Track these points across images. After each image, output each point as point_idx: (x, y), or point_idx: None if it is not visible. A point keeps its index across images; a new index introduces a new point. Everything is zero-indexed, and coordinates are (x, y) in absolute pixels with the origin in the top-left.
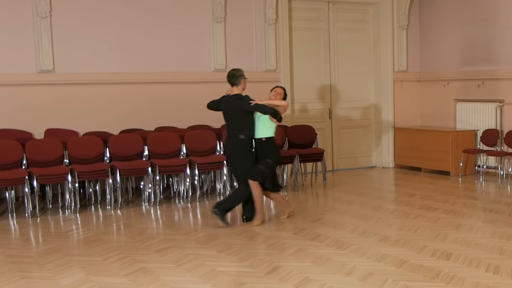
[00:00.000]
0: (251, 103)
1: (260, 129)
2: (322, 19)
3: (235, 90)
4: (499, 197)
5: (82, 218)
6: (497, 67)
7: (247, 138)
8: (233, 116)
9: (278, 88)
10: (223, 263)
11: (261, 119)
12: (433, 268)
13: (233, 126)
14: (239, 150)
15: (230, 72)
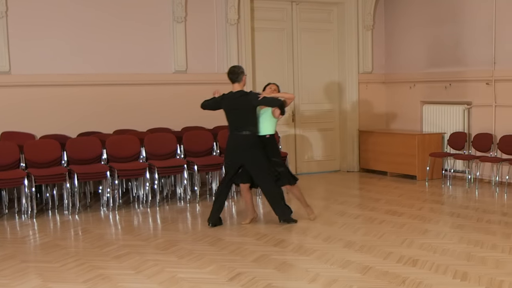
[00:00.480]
0: (259, 97)
1: (264, 126)
2: (285, 19)
3: (236, 87)
4: (466, 202)
5: (39, 223)
6: (465, 69)
7: (252, 134)
8: (239, 112)
9: (272, 85)
10: (183, 269)
11: (263, 116)
12: (399, 274)
13: (238, 123)
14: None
15: (230, 69)
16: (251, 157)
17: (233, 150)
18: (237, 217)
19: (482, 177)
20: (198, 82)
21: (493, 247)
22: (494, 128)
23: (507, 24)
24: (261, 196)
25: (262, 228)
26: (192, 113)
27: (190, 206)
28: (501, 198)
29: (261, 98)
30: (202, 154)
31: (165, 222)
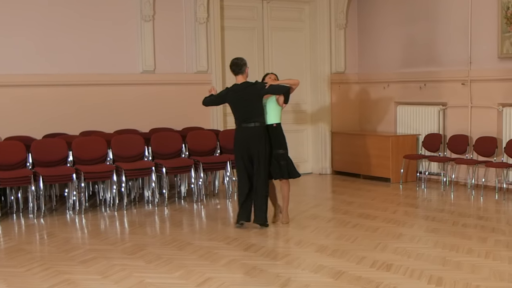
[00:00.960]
0: (265, 85)
1: (270, 115)
2: (256, 18)
3: (240, 79)
4: (442, 205)
5: (3, 227)
6: (440, 69)
7: (261, 125)
8: (246, 103)
9: (271, 75)
10: (151, 274)
11: (268, 105)
12: (372, 279)
13: (246, 115)
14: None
15: (233, 61)
16: (259, 151)
17: (242, 143)
18: (206, 220)
19: (457, 179)
20: (166, 82)
21: (469, 252)
22: (470, 129)
23: (483, 23)
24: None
25: (232, 232)
26: (161, 114)
27: (158, 209)
28: (477, 201)
29: (268, 86)
30: (170, 156)
31: (133, 225)
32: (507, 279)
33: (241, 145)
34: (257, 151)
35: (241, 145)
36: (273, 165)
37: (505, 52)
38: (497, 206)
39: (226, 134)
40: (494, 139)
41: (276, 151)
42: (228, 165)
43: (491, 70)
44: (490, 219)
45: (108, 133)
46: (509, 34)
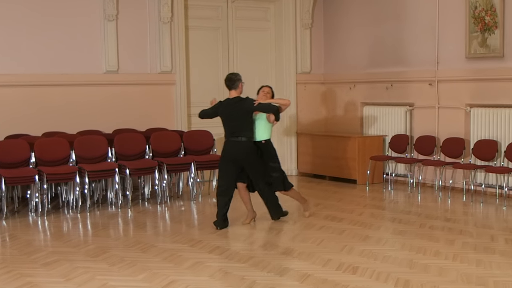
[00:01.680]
0: (254, 103)
1: (259, 132)
2: (221, 18)
3: (233, 94)
4: (408, 207)
5: None
6: (407, 69)
7: (249, 140)
8: (235, 118)
9: (265, 88)
10: (115, 277)
11: (258, 121)
12: (338, 282)
13: (235, 129)
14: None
15: (228, 76)
16: (249, 162)
17: (229, 156)
18: (170, 222)
19: (424, 181)
20: (130, 82)
21: (436, 254)
22: (437, 130)
23: (451, 23)
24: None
25: (197, 235)
26: (124, 115)
27: (121, 211)
28: (444, 203)
29: (257, 104)
30: (134, 157)
31: (96, 228)
32: (475, 281)
33: (228, 158)
34: (248, 164)
35: (228, 157)
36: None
37: (473, 52)
38: (465, 208)
39: (191, 135)
40: (461, 140)
41: (268, 165)
42: (193, 167)
43: (459, 70)
44: (458, 221)
45: (71, 134)
46: (476, 34)
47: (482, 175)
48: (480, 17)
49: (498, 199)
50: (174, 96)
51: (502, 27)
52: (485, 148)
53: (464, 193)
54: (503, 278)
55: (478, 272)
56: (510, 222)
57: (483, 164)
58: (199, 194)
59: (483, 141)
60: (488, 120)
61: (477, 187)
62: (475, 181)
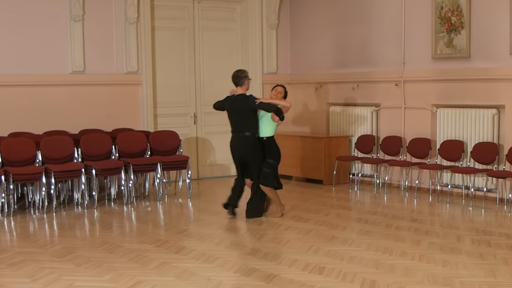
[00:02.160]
0: (256, 101)
1: (262, 129)
2: (187, 18)
3: (239, 90)
4: (375, 207)
5: None
6: (373, 69)
7: (252, 135)
8: (238, 114)
9: (278, 87)
10: (81, 277)
11: (262, 119)
12: (304, 283)
13: (239, 125)
14: (249, 149)
15: (234, 73)
16: (251, 156)
17: (235, 150)
18: (136, 222)
19: (391, 181)
20: (96, 83)
21: (402, 255)
22: (404, 131)
23: (416, 24)
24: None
25: (163, 235)
26: (90, 115)
27: (88, 211)
28: (410, 204)
29: (258, 103)
30: (100, 157)
31: (62, 228)
32: (441, 282)
33: (234, 151)
34: (250, 158)
35: (235, 151)
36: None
37: (439, 53)
38: (431, 209)
39: (157, 135)
40: (427, 141)
41: (267, 160)
42: (159, 167)
43: (425, 71)
44: (424, 221)
45: (37, 135)
46: (443, 35)
47: (448, 175)
48: (446, 17)
49: (464, 200)
50: (140, 97)
51: (468, 27)
52: (451, 148)
53: (431, 193)
54: (469, 278)
55: (444, 272)
56: (476, 222)
57: (449, 164)
58: (165, 195)
59: (449, 141)
60: (454, 121)
61: (443, 187)
62: (441, 181)
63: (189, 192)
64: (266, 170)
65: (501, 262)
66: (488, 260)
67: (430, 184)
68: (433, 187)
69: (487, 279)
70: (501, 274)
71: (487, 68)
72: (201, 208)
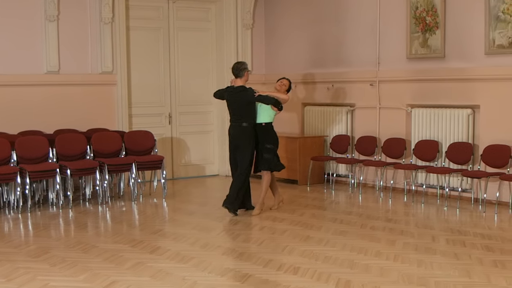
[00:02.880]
0: (254, 94)
1: (261, 115)
2: (162, 18)
3: (238, 82)
4: (350, 207)
5: None
6: (348, 69)
7: (250, 125)
8: (237, 105)
9: (283, 80)
10: (56, 277)
11: (262, 106)
12: (279, 283)
13: (237, 115)
14: (244, 138)
15: (234, 65)
16: (242, 143)
17: (233, 139)
18: (111, 222)
19: (365, 181)
20: (71, 83)
21: (377, 254)
22: (378, 130)
23: (391, 24)
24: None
25: (138, 235)
26: (65, 115)
27: (62, 211)
28: (385, 204)
29: (257, 96)
30: (75, 157)
31: (37, 228)
32: (416, 282)
33: (232, 140)
34: (241, 147)
35: (232, 140)
36: (258, 157)
37: (414, 53)
38: (406, 209)
39: (132, 135)
40: (402, 141)
41: (264, 146)
42: (134, 167)
43: (400, 71)
44: (399, 221)
45: (12, 135)
46: (417, 35)
47: (423, 175)
48: (421, 17)
49: (439, 200)
50: (115, 97)
51: (443, 27)
52: (426, 148)
53: (405, 193)
54: (444, 278)
55: (419, 272)
56: (451, 222)
57: (424, 164)
58: (140, 195)
59: (424, 141)
60: (429, 121)
61: (418, 187)
62: (416, 181)
63: (164, 192)
64: (266, 155)
65: (476, 262)
66: (463, 260)
67: (405, 184)
68: (408, 187)
69: (462, 279)
70: (476, 274)
71: (462, 68)
72: (176, 208)
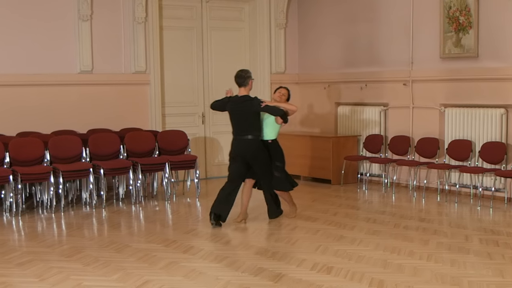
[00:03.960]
0: (261, 104)
1: (266, 132)
2: (195, 18)
3: (242, 91)
4: (383, 207)
5: None
6: (382, 69)
7: (255, 138)
8: (241, 117)
9: (282, 89)
10: (89, 277)
11: (266, 121)
12: (312, 282)
13: (242, 127)
14: (252, 152)
15: (238, 73)
16: (257, 159)
17: (238, 153)
18: (144, 222)
19: (399, 181)
20: (104, 82)
21: (410, 254)
22: (412, 130)
23: (424, 24)
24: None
25: (171, 234)
26: (98, 115)
27: (96, 211)
28: (418, 203)
29: (264, 106)
30: (108, 157)
31: (70, 228)
32: (449, 281)
33: (238, 154)
34: (255, 162)
35: (238, 154)
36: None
37: (447, 52)
38: (439, 208)
39: (165, 135)
40: (435, 140)
41: (274, 163)
42: (167, 167)
43: (433, 71)
44: (432, 221)
45: (45, 134)
46: (451, 34)
47: (456, 175)
48: (454, 17)
49: (472, 199)
50: (148, 96)
51: (477, 27)
52: (460, 148)
53: (439, 193)
54: (477, 278)
55: (452, 272)
56: (484, 222)
57: (458, 164)
58: (173, 194)
59: (457, 141)
60: (463, 120)
61: (451, 187)
62: (449, 181)
63: (197, 191)
64: (277, 174)
65: (509, 262)
66: (496, 259)
67: (438, 183)
68: (441, 187)
69: (495, 278)
70: (509, 274)
71: (495, 67)
72: (209, 207)
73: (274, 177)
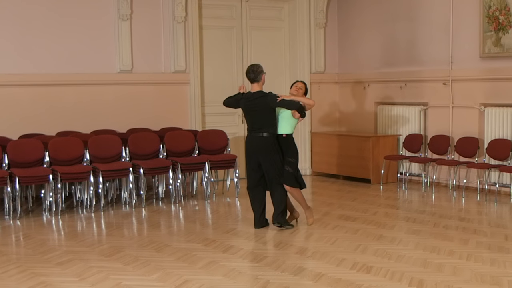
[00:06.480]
0: (277, 99)
1: (281, 125)
2: (235, 17)
3: (255, 87)
4: (422, 207)
5: None
6: (421, 68)
7: (271, 135)
8: (257, 113)
9: (298, 83)
10: (129, 276)
11: (282, 114)
12: (352, 281)
13: (257, 124)
14: (267, 150)
15: (249, 68)
16: (268, 158)
17: (251, 151)
18: (184, 221)
19: (438, 180)
20: (144, 82)
21: (450, 254)
22: (451, 130)
23: (465, 23)
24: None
25: (211, 234)
26: (138, 114)
27: (135, 211)
28: (458, 203)
29: (280, 100)
30: (148, 156)
31: (110, 227)
32: (489, 281)
33: (250, 153)
34: (266, 161)
35: (250, 152)
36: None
37: (487, 52)
38: (479, 208)
39: (205, 134)
40: (475, 140)
41: (286, 159)
42: (206, 166)
43: (473, 70)
44: (472, 220)
45: (85, 134)
46: (490, 34)
47: (496, 174)
48: (494, 16)
49: None
50: (188, 96)
51: None
52: (499, 147)
53: (478, 192)
54: None
55: (492, 271)
56: None
57: (497, 163)
58: (213, 194)
59: (497, 140)
60: (502, 120)
61: (491, 186)
62: (489, 180)
63: (237, 191)
64: (288, 169)
65: None
66: None
67: (478, 183)
68: (481, 186)
69: None
70: None
71: None
72: (248, 207)
73: (285, 172)
